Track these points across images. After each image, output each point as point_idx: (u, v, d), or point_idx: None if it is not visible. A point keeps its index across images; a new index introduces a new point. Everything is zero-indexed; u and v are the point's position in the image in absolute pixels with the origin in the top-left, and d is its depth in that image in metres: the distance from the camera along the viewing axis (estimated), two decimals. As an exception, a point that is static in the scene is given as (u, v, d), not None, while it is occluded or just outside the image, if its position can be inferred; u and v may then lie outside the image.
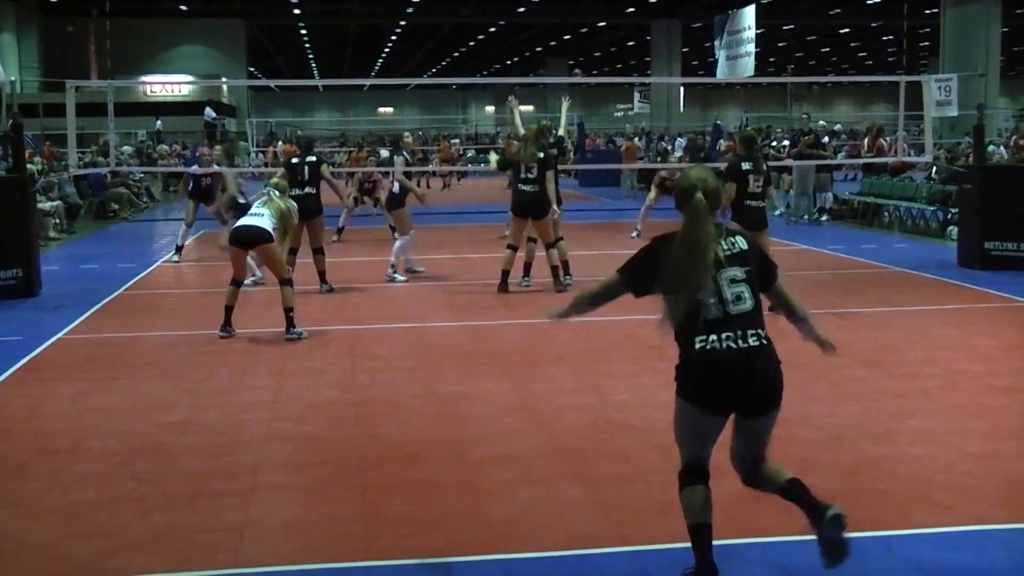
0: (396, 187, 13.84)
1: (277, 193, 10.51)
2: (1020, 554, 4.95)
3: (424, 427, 7.06)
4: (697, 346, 4.39)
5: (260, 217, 10.10)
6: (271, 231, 10.03)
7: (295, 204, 10.83)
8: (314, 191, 12.65)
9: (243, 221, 10.22)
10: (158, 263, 15.90)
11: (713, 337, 4.35)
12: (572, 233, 19.14)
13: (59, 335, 10.26)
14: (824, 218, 21.27)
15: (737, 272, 4.39)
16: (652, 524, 5.28)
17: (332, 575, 4.78)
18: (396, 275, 13.68)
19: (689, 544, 4.54)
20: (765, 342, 4.41)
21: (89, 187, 23.67)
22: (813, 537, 5.03)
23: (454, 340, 9.97)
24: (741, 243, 4.47)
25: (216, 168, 15.82)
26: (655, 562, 4.84)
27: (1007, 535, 5.12)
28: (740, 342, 4.34)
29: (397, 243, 13.92)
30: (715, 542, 4.96)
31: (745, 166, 10.89)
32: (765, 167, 11.04)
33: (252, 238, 10.05)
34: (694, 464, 4.61)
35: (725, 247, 4.42)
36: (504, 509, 5.51)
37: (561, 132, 14.21)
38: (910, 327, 10.28)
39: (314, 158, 13.02)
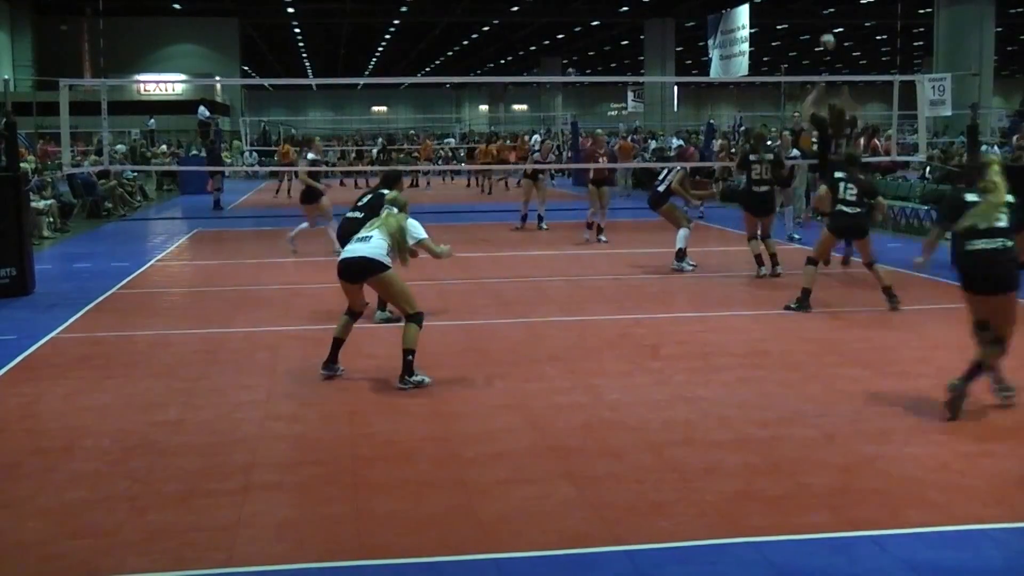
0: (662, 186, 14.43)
1: (395, 210, 8.66)
2: (1013, 553, 4.95)
3: (417, 426, 7.06)
4: (967, 248, 7.10)
5: (367, 241, 8.38)
6: (382, 260, 8.31)
7: (417, 223, 8.77)
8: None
9: (347, 249, 8.55)
10: (152, 262, 15.89)
11: (976, 241, 7.07)
12: (565, 234, 19.18)
13: (52, 334, 10.24)
14: (819, 218, 21.24)
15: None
16: (645, 523, 5.28)
17: (325, 574, 4.78)
18: (683, 263, 14.23)
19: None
20: (1009, 245, 7.04)
21: (82, 185, 23.64)
22: (806, 536, 5.08)
23: (447, 339, 9.96)
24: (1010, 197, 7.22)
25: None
26: (648, 561, 4.84)
27: (1000, 534, 5.13)
28: (991, 244, 7.03)
29: (680, 232, 14.32)
30: (707, 541, 5.03)
31: (838, 175, 11.34)
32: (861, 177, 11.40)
33: (357, 271, 8.37)
34: None
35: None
36: (497, 508, 5.51)
37: (804, 125, 14.48)
38: (903, 326, 10.30)
39: (385, 191, 10.59)
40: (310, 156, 16.55)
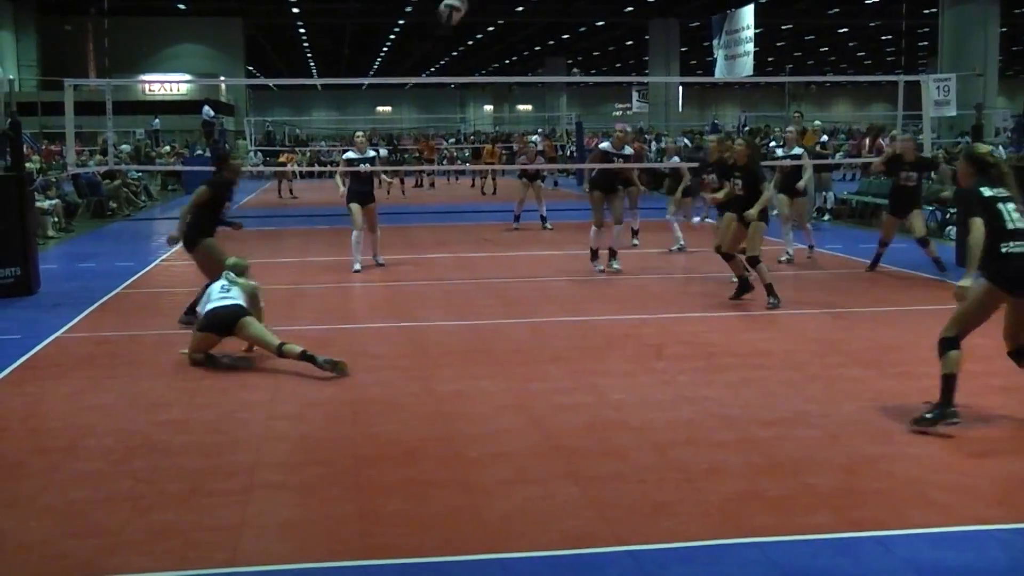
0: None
1: (232, 275, 9.28)
2: (1018, 554, 4.94)
3: (421, 426, 7.06)
4: (1003, 249, 6.59)
5: (234, 297, 8.97)
6: (247, 306, 8.97)
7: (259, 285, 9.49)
8: (191, 218, 10.63)
9: (216, 304, 8.92)
10: (156, 262, 15.89)
11: (1011, 243, 6.59)
12: (569, 234, 19.17)
13: (57, 334, 10.25)
14: (826, 218, 21.20)
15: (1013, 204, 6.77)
16: (648, 523, 5.27)
17: (329, 574, 4.78)
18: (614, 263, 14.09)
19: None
20: None
21: (86, 185, 23.69)
22: (809, 536, 5.07)
23: (451, 339, 9.96)
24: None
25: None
26: (651, 561, 4.84)
27: (1005, 535, 5.12)
28: (1021, 248, 6.61)
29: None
30: (709, 542, 5.03)
31: None
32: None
33: (231, 320, 8.80)
34: (960, 338, 6.81)
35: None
36: (500, 508, 5.51)
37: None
38: (907, 327, 10.29)
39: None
40: (348, 155, 15.13)
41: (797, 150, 15.65)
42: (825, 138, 24.03)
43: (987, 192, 6.81)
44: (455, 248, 17.36)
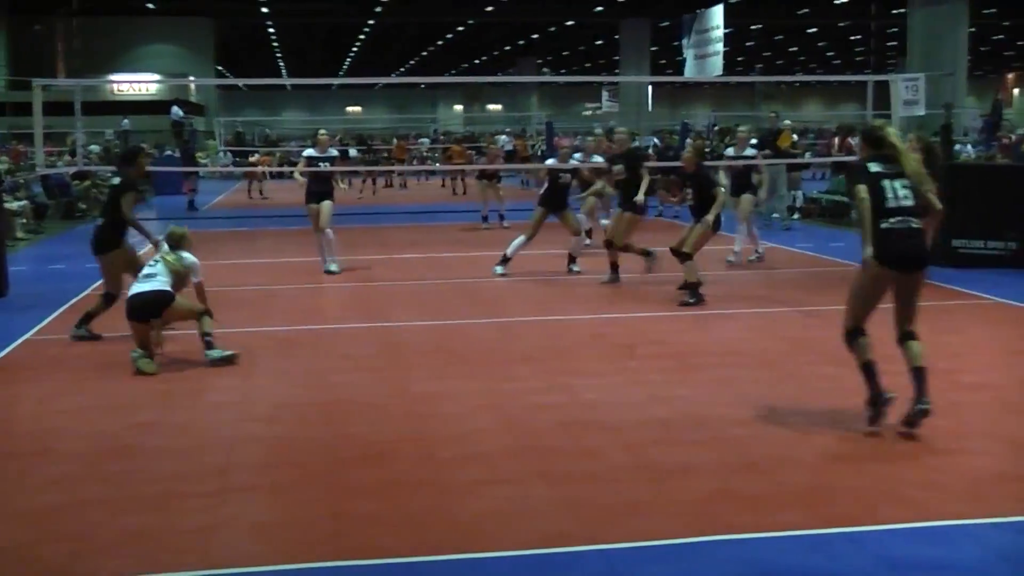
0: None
1: (167, 248, 9.28)
2: (989, 547, 4.98)
3: (393, 427, 7.05)
4: (882, 225, 6.58)
5: (152, 279, 8.87)
6: (170, 290, 8.90)
7: (197, 264, 9.28)
8: (105, 221, 10.44)
9: (134, 289, 8.92)
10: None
11: (891, 219, 6.59)
12: (549, 236, 19.17)
13: (27, 335, 10.18)
14: (795, 216, 21.27)
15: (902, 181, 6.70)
16: (621, 522, 5.28)
17: (302, 575, 4.78)
18: (573, 266, 14.20)
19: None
20: (918, 227, 6.67)
21: (56, 187, 23.51)
22: (782, 534, 5.09)
23: (423, 340, 9.95)
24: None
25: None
26: (624, 560, 4.85)
27: (976, 529, 5.17)
28: (903, 225, 6.59)
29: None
30: (683, 540, 5.03)
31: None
32: None
33: (153, 306, 8.76)
34: (860, 324, 6.94)
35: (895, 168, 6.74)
36: (473, 508, 5.51)
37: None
38: (878, 325, 10.31)
39: (117, 180, 10.65)
40: (307, 152, 14.69)
41: (749, 151, 15.71)
42: (795, 137, 24.07)
43: (874, 168, 6.82)
44: (426, 248, 17.34)
